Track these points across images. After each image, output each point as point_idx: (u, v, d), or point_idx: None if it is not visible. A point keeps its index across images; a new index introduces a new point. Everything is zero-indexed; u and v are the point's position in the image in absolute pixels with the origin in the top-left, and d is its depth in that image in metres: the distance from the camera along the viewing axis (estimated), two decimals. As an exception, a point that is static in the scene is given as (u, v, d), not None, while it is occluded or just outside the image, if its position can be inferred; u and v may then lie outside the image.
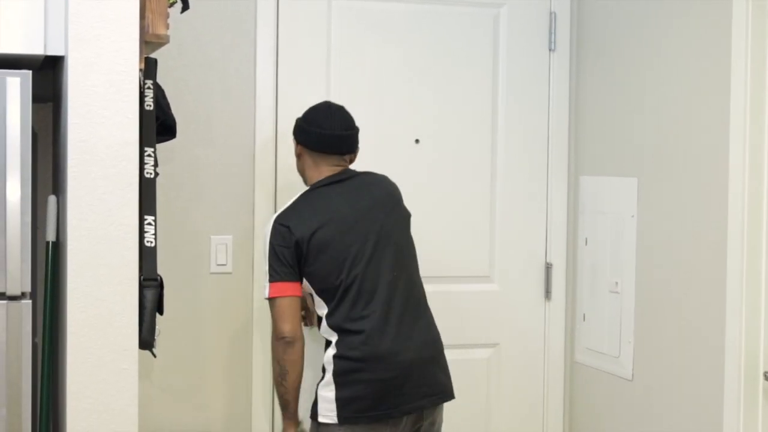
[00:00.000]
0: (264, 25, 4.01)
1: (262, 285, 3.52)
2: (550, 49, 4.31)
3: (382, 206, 3.56)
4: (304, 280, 3.46)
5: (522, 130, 4.29)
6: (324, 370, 3.44)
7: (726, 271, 3.37)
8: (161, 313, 3.18)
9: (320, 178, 3.56)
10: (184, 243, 3.97)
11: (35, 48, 3.06)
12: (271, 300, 3.44)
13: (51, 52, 3.07)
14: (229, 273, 4.03)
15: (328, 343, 3.45)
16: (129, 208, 3.05)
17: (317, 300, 3.48)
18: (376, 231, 3.48)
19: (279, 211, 3.55)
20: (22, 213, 3.00)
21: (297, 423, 3.54)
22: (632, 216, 3.81)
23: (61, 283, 3.20)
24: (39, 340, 3.32)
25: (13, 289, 3.00)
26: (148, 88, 3.20)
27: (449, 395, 3.54)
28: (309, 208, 3.49)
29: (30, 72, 3.01)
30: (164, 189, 3.69)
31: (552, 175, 4.27)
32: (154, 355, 3.31)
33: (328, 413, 3.39)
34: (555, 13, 4.29)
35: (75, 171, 3.01)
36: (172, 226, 3.90)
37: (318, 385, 3.45)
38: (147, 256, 3.11)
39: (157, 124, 3.26)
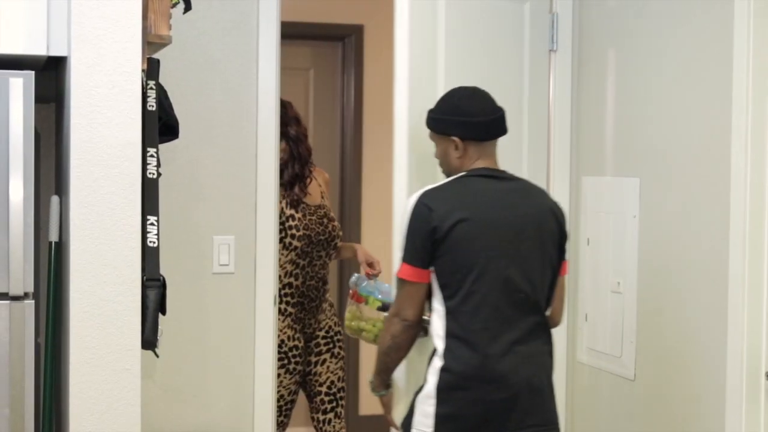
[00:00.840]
0: (266, 25, 4.00)
1: (261, 285, 3.52)
2: (551, 50, 4.27)
3: (534, 220, 3.27)
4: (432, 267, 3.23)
5: (524, 130, 4.27)
6: (426, 380, 3.22)
7: (728, 271, 3.36)
8: (164, 313, 3.17)
9: (480, 167, 3.32)
10: (187, 243, 3.97)
11: (38, 48, 3.07)
12: (400, 280, 3.25)
13: (54, 53, 3.08)
14: (232, 273, 4.03)
15: (433, 352, 3.22)
16: (132, 209, 3.06)
17: (436, 294, 3.22)
18: (519, 242, 3.22)
19: (425, 189, 3.28)
20: (25, 213, 3.01)
21: (389, 385, 3.44)
22: (634, 216, 3.80)
23: (63, 284, 3.20)
24: (42, 340, 3.32)
25: (16, 290, 3.01)
26: (151, 88, 3.20)
27: (556, 430, 3.33)
28: (457, 196, 3.24)
29: (33, 72, 3.03)
30: (167, 189, 3.65)
31: (553, 175, 4.26)
32: (157, 355, 3.31)
33: (425, 428, 3.19)
34: (557, 14, 4.25)
35: (78, 171, 3.02)
36: (175, 226, 3.89)
37: (417, 395, 3.24)
38: (149, 257, 3.11)
39: (160, 124, 3.26)
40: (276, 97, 4.04)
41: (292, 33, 4.78)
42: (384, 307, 4.17)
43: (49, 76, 3.50)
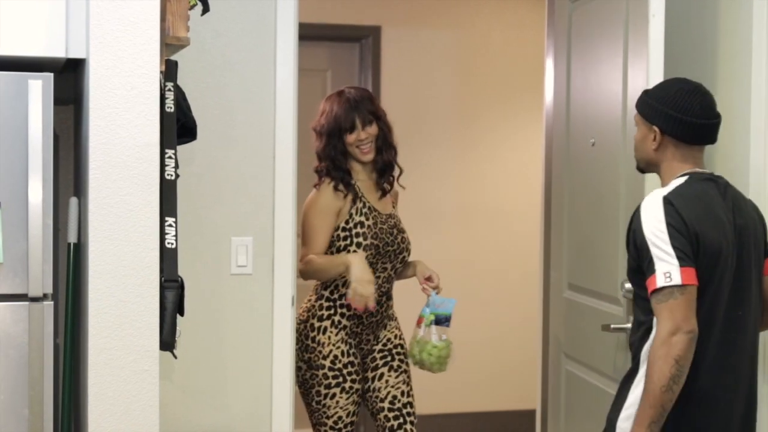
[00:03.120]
0: (284, 27, 3.99)
1: (278, 286, 3.49)
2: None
3: (753, 231, 3.03)
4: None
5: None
6: (628, 400, 2.96)
7: None
8: (182, 314, 3.19)
9: (689, 170, 3.03)
10: (205, 244, 3.97)
11: (57, 51, 3.09)
12: (681, 288, 2.80)
13: (72, 55, 3.10)
14: (250, 274, 4.02)
15: (635, 368, 2.97)
16: (150, 210, 3.08)
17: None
18: (743, 256, 2.97)
19: (662, 191, 2.97)
20: (44, 215, 3.03)
21: None
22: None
23: (82, 285, 3.21)
24: (61, 341, 3.33)
25: (35, 291, 3.02)
26: (169, 90, 3.22)
27: None
28: (698, 203, 2.94)
29: (52, 75, 3.05)
30: (185, 190, 3.64)
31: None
32: (175, 356, 3.33)
33: None
34: None
35: (96, 173, 3.04)
36: (193, 228, 3.90)
37: (619, 414, 2.97)
38: (168, 258, 3.12)
39: (178, 126, 3.28)
40: (294, 98, 4.03)
41: (309, 34, 4.79)
42: (438, 321, 4.06)
43: (68, 78, 3.51)
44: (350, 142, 4.00)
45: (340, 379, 3.99)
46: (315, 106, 4.24)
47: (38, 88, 3.00)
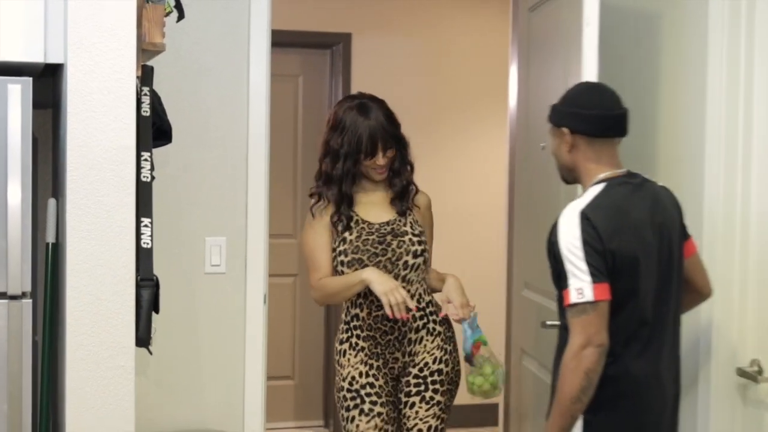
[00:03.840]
0: (257, 33, 4.01)
1: (251, 285, 3.48)
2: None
3: (671, 222, 3.01)
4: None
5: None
6: None
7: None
8: (157, 311, 3.19)
9: (605, 174, 2.97)
10: (180, 244, 3.99)
11: (35, 56, 3.09)
12: (593, 304, 2.79)
13: (51, 60, 3.10)
14: (223, 273, 4.04)
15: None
16: (126, 211, 3.07)
17: None
18: (664, 252, 2.95)
19: (580, 203, 2.91)
20: (23, 215, 3.02)
21: None
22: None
23: (60, 283, 3.21)
24: (39, 338, 3.33)
25: (14, 289, 3.02)
26: (145, 94, 3.22)
27: None
28: (615, 213, 2.90)
29: (30, 79, 3.04)
30: (160, 192, 3.63)
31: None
32: (150, 353, 3.31)
33: None
34: None
35: (74, 175, 3.03)
36: (168, 228, 3.90)
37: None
38: (143, 257, 3.12)
39: (153, 129, 3.28)
40: (266, 102, 4.04)
41: (282, 41, 4.79)
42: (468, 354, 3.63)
43: (47, 82, 3.50)
44: (367, 164, 3.65)
45: (358, 401, 3.64)
46: (287, 111, 4.24)
47: (17, 92, 3.00)
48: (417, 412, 3.65)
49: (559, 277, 2.89)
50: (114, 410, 3.08)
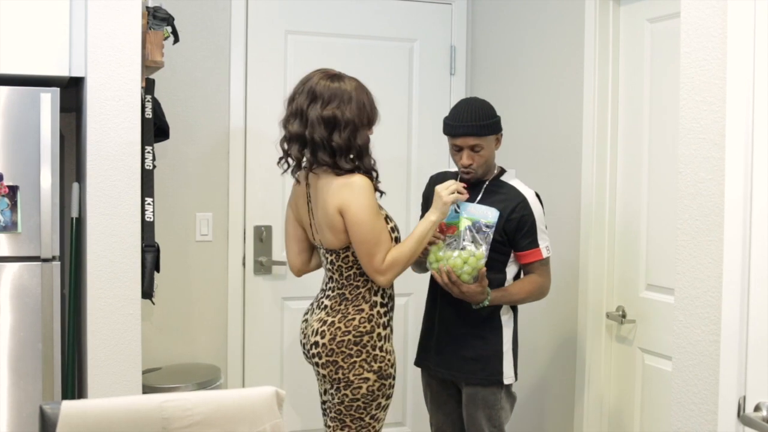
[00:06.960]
0: (236, 54, 3.97)
1: (232, 251, 3.39)
2: (450, 74, 4.22)
3: None
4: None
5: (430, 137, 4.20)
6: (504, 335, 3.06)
7: (579, 247, 3.42)
8: (158, 271, 3.20)
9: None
10: (176, 218, 3.94)
11: (62, 71, 3.08)
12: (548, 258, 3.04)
13: (74, 74, 3.09)
14: (210, 241, 3.99)
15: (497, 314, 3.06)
16: (133, 192, 3.08)
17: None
18: None
19: (527, 186, 3.05)
20: (53, 196, 3.03)
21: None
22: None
23: (82, 249, 3.22)
24: (66, 291, 3.33)
25: (46, 253, 3.03)
26: (148, 101, 3.22)
27: None
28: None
29: (58, 89, 3.04)
30: (160, 177, 3.65)
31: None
32: (153, 303, 3.34)
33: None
34: (454, 47, 4.21)
35: (92, 164, 3.04)
36: (166, 206, 3.87)
37: (502, 347, 3.04)
38: (147, 228, 3.13)
39: (155, 128, 3.27)
40: (244, 107, 3.97)
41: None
42: (478, 229, 2.89)
43: (71, 92, 3.49)
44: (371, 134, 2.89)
45: (393, 389, 2.92)
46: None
47: (48, 100, 3.00)
48: None
49: (523, 238, 3.00)
50: (125, 348, 3.09)
